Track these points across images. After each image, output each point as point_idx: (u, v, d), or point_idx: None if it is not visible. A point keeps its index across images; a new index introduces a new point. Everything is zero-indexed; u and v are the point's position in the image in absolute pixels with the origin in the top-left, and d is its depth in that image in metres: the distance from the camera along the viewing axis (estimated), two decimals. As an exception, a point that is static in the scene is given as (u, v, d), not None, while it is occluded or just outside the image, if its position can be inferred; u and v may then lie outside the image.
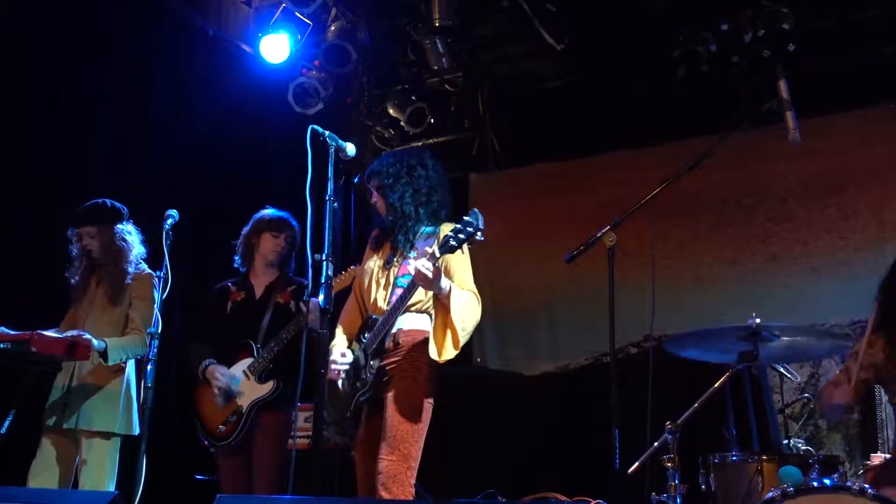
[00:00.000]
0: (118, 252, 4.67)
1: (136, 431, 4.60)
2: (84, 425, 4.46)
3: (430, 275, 3.49)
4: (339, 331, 4.00)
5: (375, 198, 4.03)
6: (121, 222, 4.73)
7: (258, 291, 4.79)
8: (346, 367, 3.82)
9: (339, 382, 3.86)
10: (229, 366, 4.62)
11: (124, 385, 4.59)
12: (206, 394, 4.61)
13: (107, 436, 4.51)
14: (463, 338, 3.68)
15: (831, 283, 6.49)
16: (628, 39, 6.71)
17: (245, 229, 4.90)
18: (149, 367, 3.95)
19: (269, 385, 4.56)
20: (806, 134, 4.08)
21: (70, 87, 5.61)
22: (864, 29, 6.16)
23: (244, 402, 4.55)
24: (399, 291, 3.77)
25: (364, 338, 3.85)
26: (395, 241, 3.91)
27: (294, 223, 4.88)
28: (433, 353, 3.63)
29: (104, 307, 4.65)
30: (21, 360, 4.24)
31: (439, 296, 3.67)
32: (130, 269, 4.68)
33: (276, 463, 4.53)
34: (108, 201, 4.78)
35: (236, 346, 4.67)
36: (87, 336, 4.29)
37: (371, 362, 3.79)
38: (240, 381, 4.57)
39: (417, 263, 3.50)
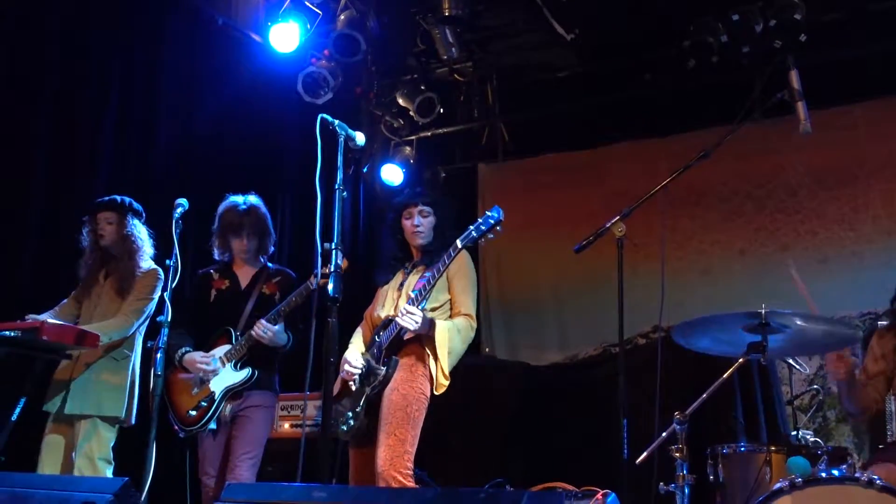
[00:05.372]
0: (131, 244, 4.71)
1: (133, 421, 4.63)
2: (83, 410, 4.49)
3: (410, 323, 3.83)
4: (356, 339, 4.28)
5: (427, 223, 4.21)
6: (138, 219, 4.81)
7: (243, 281, 4.70)
8: (358, 370, 4.03)
9: (351, 384, 4.05)
10: (206, 352, 4.52)
11: (129, 373, 4.63)
12: (178, 379, 4.51)
13: (105, 421, 4.54)
14: (449, 366, 3.95)
15: (841, 274, 6.48)
16: (638, 30, 6.69)
17: (214, 227, 4.74)
18: (158, 355, 3.96)
19: (244, 373, 4.46)
20: (817, 125, 4.05)
21: (79, 77, 5.62)
22: (876, 19, 6.12)
23: (217, 387, 4.45)
24: (412, 296, 3.97)
25: (379, 336, 4.04)
26: (414, 263, 4.20)
27: (253, 213, 4.67)
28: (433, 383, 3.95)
29: (112, 299, 4.68)
30: (30, 348, 4.27)
31: (428, 334, 3.94)
32: (142, 264, 4.72)
33: (255, 450, 4.47)
34: (131, 199, 4.85)
35: (215, 333, 4.57)
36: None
37: (384, 358, 3.97)
38: (216, 365, 4.48)
39: (401, 313, 3.85)
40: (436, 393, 3.94)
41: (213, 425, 4.41)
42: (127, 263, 4.69)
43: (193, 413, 4.41)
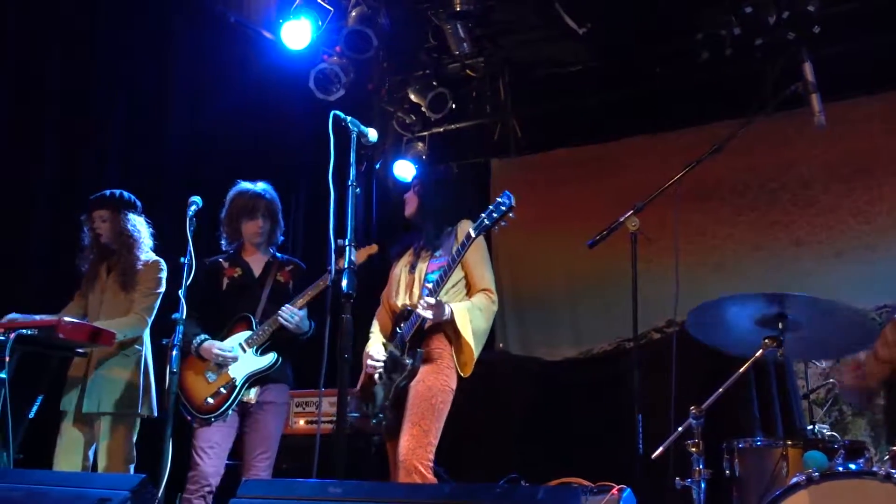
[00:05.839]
0: (129, 239, 4.72)
1: (156, 413, 4.65)
2: (102, 408, 4.52)
3: (430, 314, 3.84)
4: (375, 328, 4.28)
5: (410, 195, 4.29)
6: (133, 212, 4.80)
7: (256, 269, 4.68)
8: (382, 364, 4.04)
9: (377, 376, 4.05)
10: (224, 339, 4.46)
11: (141, 368, 4.65)
12: (192, 367, 4.42)
13: (124, 418, 4.56)
14: (477, 347, 3.97)
15: (856, 267, 6.45)
16: (651, 23, 6.66)
17: (223, 213, 4.71)
18: (174, 352, 3.97)
19: (269, 357, 4.43)
20: (831, 117, 4.03)
21: (89, 75, 5.64)
22: (890, 10, 6.07)
23: (238, 374, 4.40)
24: (429, 287, 3.96)
25: (400, 328, 4.03)
26: (422, 242, 4.17)
27: (267, 195, 4.68)
28: (460, 371, 3.99)
29: (117, 293, 4.70)
30: (47, 346, 4.30)
31: (448, 322, 3.95)
32: (142, 257, 4.73)
33: (271, 449, 4.46)
34: (123, 192, 4.84)
35: (233, 319, 4.53)
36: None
37: (409, 351, 3.96)
38: (236, 353, 4.43)
39: (421, 305, 3.85)
40: (464, 375, 3.96)
41: (230, 412, 4.38)
42: (127, 257, 4.70)
43: (211, 400, 4.36)
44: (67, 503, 3.04)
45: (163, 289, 4.74)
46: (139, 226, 4.79)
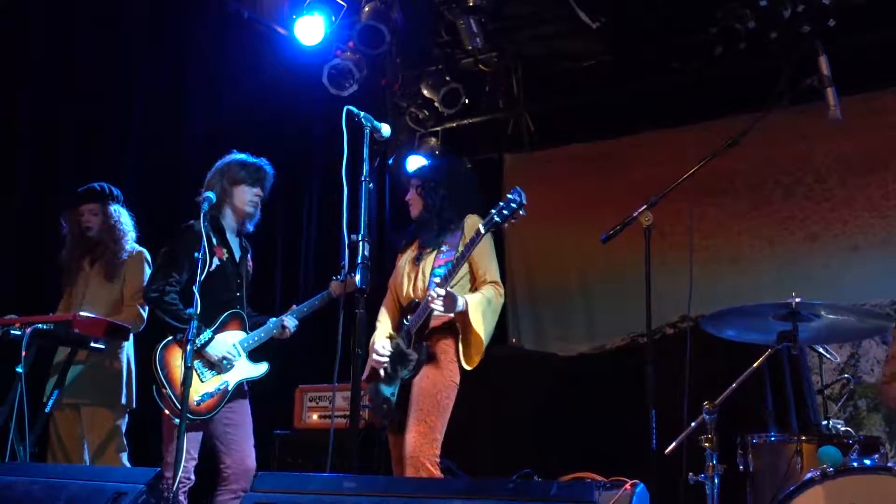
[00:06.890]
0: (117, 230, 4.78)
1: (135, 405, 4.69)
2: (85, 399, 4.56)
3: (441, 305, 3.77)
4: (383, 317, 4.23)
5: (412, 196, 4.24)
6: (119, 204, 4.87)
7: (236, 254, 4.36)
8: (387, 359, 4.00)
9: (382, 371, 4.02)
10: (214, 333, 4.17)
11: (124, 358, 4.69)
12: (179, 359, 3.97)
13: (109, 408, 4.61)
14: (486, 339, 3.94)
15: (872, 262, 6.41)
16: (664, 17, 6.63)
17: (213, 175, 4.35)
18: (188, 347, 3.97)
19: (263, 368, 4.28)
20: (846, 111, 4.01)
21: (106, 71, 5.68)
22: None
23: (232, 378, 4.18)
24: (437, 280, 3.93)
25: (407, 320, 4.01)
26: (426, 239, 4.14)
27: (273, 174, 4.44)
28: (463, 363, 3.95)
29: (101, 284, 4.75)
30: (63, 341, 4.33)
31: (459, 314, 3.90)
32: (127, 247, 4.79)
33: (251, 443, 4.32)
34: (109, 185, 4.89)
35: (224, 312, 4.22)
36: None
37: (414, 344, 3.94)
38: (240, 356, 4.24)
39: (430, 294, 3.79)
40: (468, 368, 3.93)
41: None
42: (113, 248, 4.75)
43: (203, 401, 4.08)
44: (85, 496, 3.07)
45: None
46: (125, 218, 4.85)
